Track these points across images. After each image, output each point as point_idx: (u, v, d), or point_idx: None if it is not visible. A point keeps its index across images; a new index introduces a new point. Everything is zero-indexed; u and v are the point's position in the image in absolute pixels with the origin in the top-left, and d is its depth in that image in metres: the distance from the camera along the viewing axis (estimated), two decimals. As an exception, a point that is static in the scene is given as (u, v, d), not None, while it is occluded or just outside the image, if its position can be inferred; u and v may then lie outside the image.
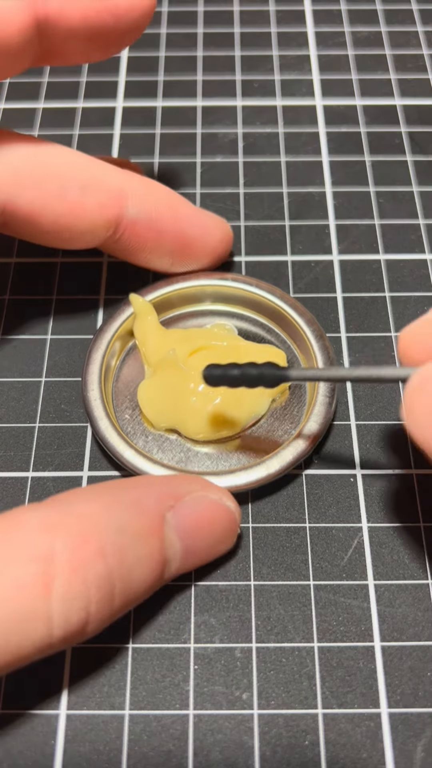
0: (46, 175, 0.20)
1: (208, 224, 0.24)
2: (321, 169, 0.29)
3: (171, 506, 0.17)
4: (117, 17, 0.20)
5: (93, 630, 0.16)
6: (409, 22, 0.34)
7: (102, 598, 0.16)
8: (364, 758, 0.18)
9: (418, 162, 0.29)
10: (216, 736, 0.18)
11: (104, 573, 0.16)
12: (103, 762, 0.18)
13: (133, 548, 0.16)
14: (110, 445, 0.21)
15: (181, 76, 0.32)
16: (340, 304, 0.25)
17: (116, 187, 0.21)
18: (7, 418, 0.23)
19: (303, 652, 0.19)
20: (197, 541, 0.18)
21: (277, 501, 0.21)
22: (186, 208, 0.23)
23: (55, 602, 0.15)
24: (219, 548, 0.19)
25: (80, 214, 0.21)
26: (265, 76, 0.32)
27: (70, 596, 0.15)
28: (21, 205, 0.20)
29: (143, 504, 0.17)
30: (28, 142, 0.21)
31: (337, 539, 0.21)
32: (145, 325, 0.23)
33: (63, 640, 0.15)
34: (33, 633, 0.15)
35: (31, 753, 0.18)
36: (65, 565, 0.15)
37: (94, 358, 0.22)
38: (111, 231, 0.22)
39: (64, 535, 0.15)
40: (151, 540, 0.17)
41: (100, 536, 0.16)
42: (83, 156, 0.22)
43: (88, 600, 0.15)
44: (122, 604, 0.17)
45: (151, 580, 0.17)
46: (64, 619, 0.15)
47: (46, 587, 0.15)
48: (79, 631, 0.16)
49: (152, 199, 0.22)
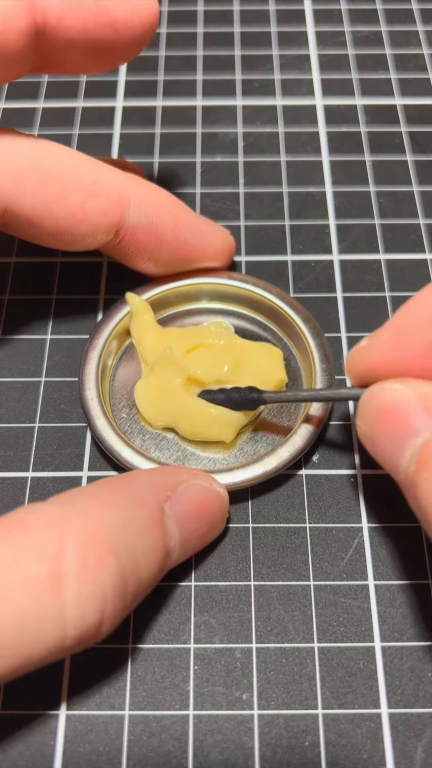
0: (48, 177, 0.20)
1: (210, 233, 0.23)
2: (321, 168, 0.29)
3: (168, 497, 0.18)
4: (118, 31, 0.20)
5: (107, 630, 0.16)
6: (409, 21, 0.34)
7: (116, 596, 0.16)
8: (364, 759, 0.17)
9: (419, 161, 0.29)
10: (216, 737, 0.18)
11: (117, 570, 0.16)
12: (103, 762, 0.18)
13: (139, 542, 0.16)
14: (108, 444, 0.21)
15: (181, 76, 0.32)
16: (340, 304, 0.25)
17: (118, 192, 0.21)
18: (6, 418, 0.23)
19: (303, 653, 0.19)
20: (193, 529, 0.18)
21: (277, 501, 0.21)
22: (187, 215, 0.23)
23: (69, 602, 0.15)
24: (212, 534, 0.20)
25: (82, 217, 0.21)
26: (265, 76, 0.32)
27: (85, 596, 0.15)
28: (22, 207, 0.20)
29: (142, 497, 0.17)
30: (32, 143, 0.21)
31: (337, 539, 0.21)
32: (141, 324, 0.23)
33: (77, 642, 0.15)
34: (44, 634, 0.15)
35: (31, 753, 0.18)
36: (76, 564, 0.15)
37: (91, 357, 0.22)
38: (111, 235, 0.22)
39: (71, 534, 0.15)
40: (154, 532, 0.17)
41: (108, 533, 0.16)
42: (86, 159, 0.21)
43: (103, 600, 0.15)
44: (133, 600, 0.16)
45: (156, 572, 0.17)
46: (79, 621, 0.15)
47: (56, 586, 0.15)
48: (94, 632, 0.15)
49: (154, 206, 0.22)
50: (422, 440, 0.16)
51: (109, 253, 0.23)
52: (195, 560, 0.20)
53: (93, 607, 0.15)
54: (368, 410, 0.18)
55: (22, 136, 0.21)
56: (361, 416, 0.18)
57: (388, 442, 0.17)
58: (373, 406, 0.17)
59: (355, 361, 0.19)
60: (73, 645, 0.15)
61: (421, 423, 0.16)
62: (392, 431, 0.17)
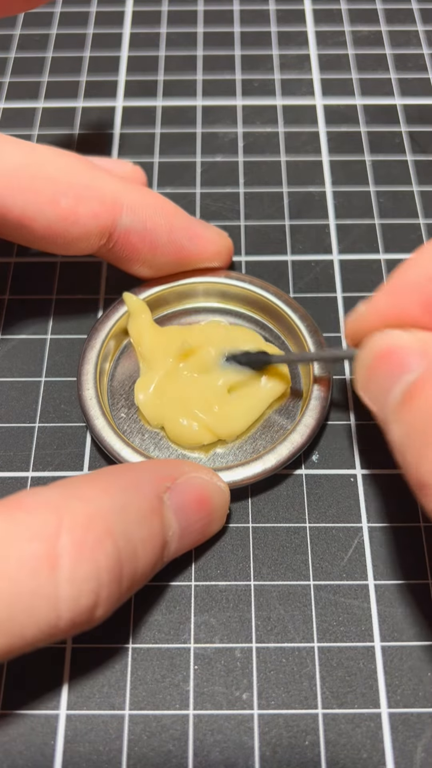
0: (40, 180, 0.20)
1: (206, 236, 0.23)
2: (321, 168, 0.29)
3: (168, 487, 0.18)
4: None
5: (101, 615, 0.16)
6: (409, 21, 0.34)
7: (112, 580, 0.16)
8: (364, 758, 0.18)
9: (419, 161, 0.29)
10: (216, 737, 0.18)
11: (114, 554, 0.16)
12: (103, 762, 0.18)
13: (137, 529, 0.16)
14: (107, 444, 0.21)
15: (181, 76, 0.32)
16: (340, 304, 0.25)
17: (111, 196, 0.21)
18: (7, 418, 0.23)
19: (303, 652, 0.19)
20: (192, 521, 0.18)
21: (277, 501, 0.21)
22: (182, 219, 0.23)
23: (63, 583, 0.15)
24: (212, 528, 0.20)
25: (73, 220, 0.21)
26: (265, 76, 0.32)
27: (80, 577, 0.15)
28: (13, 209, 0.20)
29: (142, 486, 0.17)
30: (24, 147, 0.21)
31: (337, 539, 0.21)
32: (139, 324, 0.23)
33: (71, 624, 0.15)
34: (37, 613, 0.15)
35: (31, 753, 0.18)
36: (72, 545, 0.15)
37: (89, 357, 0.22)
38: (105, 239, 0.22)
39: (69, 516, 0.15)
40: (151, 521, 0.17)
41: (106, 518, 0.16)
42: (79, 164, 0.21)
43: (98, 582, 0.15)
44: (128, 588, 0.17)
45: (153, 562, 0.17)
46: (73, 602, 0.15)
47: (52, 566, 0.15)
48: (88, 616, 0.16)
49: (147, 210, 0.22)
50: (413, 376, 0.16)
51: (105, 257, 0.23)
52: (195, 560, 0.20)
53: (87, 588, 0.15)
54: (367, 355, 0.18)
55: (15, 140, 0.21)
56: (360, 362, 0.18)
57: (381, 383, 0.17)
58: (372, 350, 0.18)
59: (355, 326, 0.19)
60: (67, 627, 0.15)
61: (415, 363, 0.16)
62: (387, 371, 0.17)
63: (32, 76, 0.32)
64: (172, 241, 0.22)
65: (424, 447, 0.15)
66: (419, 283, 0.17)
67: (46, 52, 0.33)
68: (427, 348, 0.17)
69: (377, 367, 0.17)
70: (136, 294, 0.24)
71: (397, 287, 0.18)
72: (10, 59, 0.33)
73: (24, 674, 0.19)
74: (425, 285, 0.17)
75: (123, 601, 0.17)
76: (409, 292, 0.18)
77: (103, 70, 0.33)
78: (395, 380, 0.17)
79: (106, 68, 0.33)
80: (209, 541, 0.20)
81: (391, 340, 0.17)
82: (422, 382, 0.16)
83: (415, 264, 0.18)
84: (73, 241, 0.21)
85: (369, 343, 0.18)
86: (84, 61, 0.33)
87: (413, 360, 0.17)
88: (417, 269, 0.18)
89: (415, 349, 0.17)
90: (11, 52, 0.33)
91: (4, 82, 0.32)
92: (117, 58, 0.33)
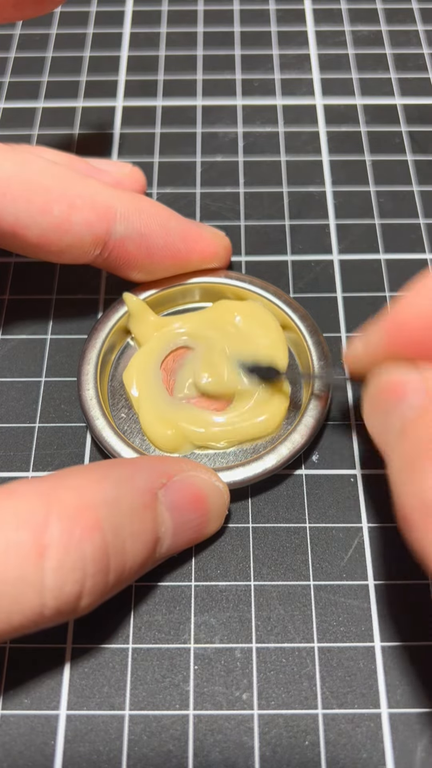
0: (32, 188, 0.20)
1: (202, 238, 0.23)
2: (321, 168, 0.29)
3: (163, 484, 0.18)
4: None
5: (86, 605, 0.16)
6: (409, 21, 0.34)
7: (98, 571, 0.16)
8: (364, 759, 0.18)
9: (419, 161, 0.29)
10: (216, 737, 0.18)
11: (101, 546, 0.16)
12: (103, 762, 0.18)
13: (127, 523, 0.17)
14: (107, 444, 0.21)
15: (181, 76, 0.32)
16: (340, 304, 0.25)
17: (104, 204, 0.21)
18: (7, 418, 0.23)
19: (303, 653, 0.19)
20: (187, 520, 0.18)
21: (277, 501, 0.21)
22: (178, 223, 0.23)
23: (49, 571, 0.15)
24: (208, 527, 0.19)
25: (67, 228, 0.21)
26: (265, 75, 0.32)
27: (66, 567, 0.15)
28: (5, 218, 0.20)
29: (136, 481, 0.17)
30: (17, 156, 0.21)
31: (337, 539, 0.21)
32: (140, 323, 0.23)
33: (56, 612, 0.16)
34: (23, 600, 0.15)
35: (31, 753, 0.18)
36: (60, 534, 0.15)
37: (89, 357, 0.22)
38: (99, 248, 0.22)
39: (58, 506, 0.16)
40: (144, 516, 0.17)
41: (96, 509, 0.16)
42: (72, 173, 0.22)
43: (83, 572, 0.16)
44: (116, 580, 0.17)
45: (143, 557, 0.17)
46: (57, 590, 0.15)
47: (39, 554, 0.15)
48: (73, 605, 0.16)
49: (141, 215, 0.22)
50: (412, 411, 0.16)
51: (102, 266, 0.23)
52: (195, 560, 0.20)
53: (72, 578, 0.15)
54: (371, 390, 0.18)
55: (7, 147, 0.21)
56: (365, 396, 0.18)
57: (382, 416, 0.17)
58: (375, 385, 0.18)
59: (354, 364, 0.19)
60: (52, 615, 0.16)
61: (417, 399, 0.16)
62: (388, 404, 0.17)
63: (32, 76, 0.32)
64: (168, 246, 0.22)
65: (406, 484, 0.15)
66: (417, 322, 0.17)
67: (46, 52, 0.33)
68: (428, 383, 0.17)
69: (379, 400, 0.17)
70: (136, 294, 0.24)
71: (394, 325, 0.18)
72: (10, 59, 0.33)
73: (24, 674, 0.19)
74: (422, 325, 0.17)
75: (112, 594, 0.17)
76: (408, 330, 0.17)
77: (103, 70, 0.33)
78: (394, 413, 0.17)
79: (106, 68, 0.33)
80: (209, 541, 0.20)
81: (396, 375, 0.17)
82: (417, 417, 0.16)
83: (410, 303, 0.17)
84: (66, 249, 0.21)
85: (373, 379, 0.18)
86: (84, 61, 0.33)
87: (415, 396, 0.17)
88: (413, 308, 0.17)
89: (418, 385, 0.17)
90: (11, 52, 0.33)
91: (4, 82, 0.32)
92: (117, 58, 0.33)
